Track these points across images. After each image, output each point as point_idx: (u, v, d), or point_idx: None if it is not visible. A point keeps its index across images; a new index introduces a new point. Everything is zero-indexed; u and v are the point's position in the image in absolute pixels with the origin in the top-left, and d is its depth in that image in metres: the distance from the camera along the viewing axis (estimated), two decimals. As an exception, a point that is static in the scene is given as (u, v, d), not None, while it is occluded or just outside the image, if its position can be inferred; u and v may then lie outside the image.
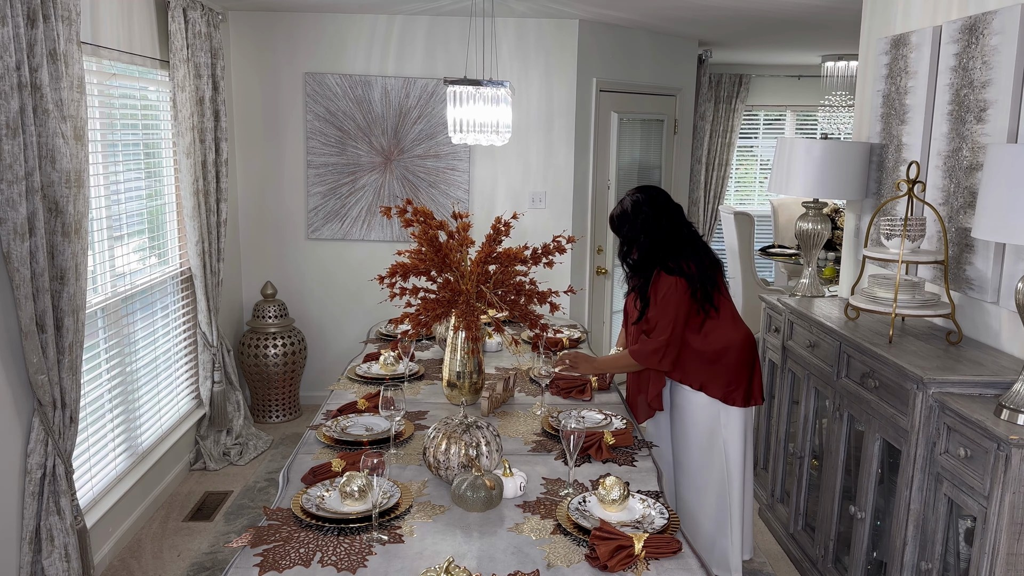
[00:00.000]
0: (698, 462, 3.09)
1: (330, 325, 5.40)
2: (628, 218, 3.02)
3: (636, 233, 3.01)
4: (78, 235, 2.92)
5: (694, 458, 3.10)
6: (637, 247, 3.02)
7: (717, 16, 5.01)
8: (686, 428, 3.11)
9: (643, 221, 2.99)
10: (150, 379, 4.03)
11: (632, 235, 3.02)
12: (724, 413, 3.05)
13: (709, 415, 3.05)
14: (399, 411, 2.38)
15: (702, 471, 3.09)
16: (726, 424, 3.06)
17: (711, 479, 3.09)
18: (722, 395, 3.03)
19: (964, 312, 2.88)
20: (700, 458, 3.09)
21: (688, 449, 3.11)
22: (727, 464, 3.07)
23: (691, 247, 3.01)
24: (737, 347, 3.02)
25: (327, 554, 1.88)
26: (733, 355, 3.02)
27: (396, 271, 2.56)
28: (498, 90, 3.41)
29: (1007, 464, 2.08)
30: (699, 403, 3.04)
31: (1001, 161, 2.12)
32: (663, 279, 2.95)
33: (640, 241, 3.01)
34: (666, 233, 2.99)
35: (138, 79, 3.91)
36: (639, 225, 2.99)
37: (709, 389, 3.02)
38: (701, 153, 8.26)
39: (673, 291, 2.92)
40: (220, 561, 3.50)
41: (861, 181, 3.46)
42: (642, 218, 2.99)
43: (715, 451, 3.06)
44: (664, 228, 2.99)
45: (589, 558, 1.88)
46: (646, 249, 3.00)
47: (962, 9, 2.93)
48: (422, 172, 5.17)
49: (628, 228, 3.03)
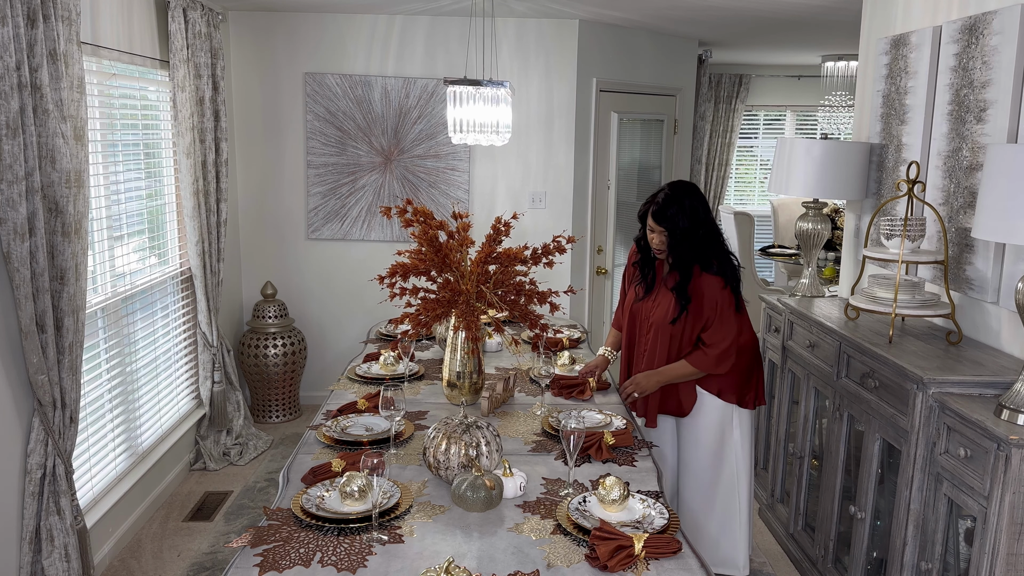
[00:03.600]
0: (706, 464, 3.08)
1: (330, 325, 5.40)
2: (682, 209, 2.87)
3: (688, 224, 2.88)
4: (78, 235, 2.92)
5: (703, 460, 3.08)
6: (687, 240, 2.89)
7: (717, 16, 5.01)
8: (697, 432, 3.07)
9: (693, 213, 2.88)
10: (150, 379, 4.03)
11: (683, 226, 2.87)
12: (736, 415, 3.05)
13: (721, 417, 3.04)
14: (399, 411, 2.38)
15: (710, 472, 3.08)
16: (737, 425, 3.05)
17: (719, 480, 3.08)
18: (737, 398, 3.02)
19: (964, 312, 2.88)
20: (709, 460, 3.07)
21: (697, 452, 3.08)
22: (737, 465, 3.07)
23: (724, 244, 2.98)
24: (751, 348, 3.03)
25: (327, 554, 1.88)
26: (748, 357, 3.02)
27: (396, 271, 2.56)
28: (498, 90, 3.41)
29: (1007, 464, 2.08)
30: (712, 406, 3.03)
31: (1001, 161, 2.12)
32: (709, 278, 2.89)
33: (691, 234, 2.88)
34: (711, 228, 2.93)
35: (138, 79, 3.91)
36: (692, 217, 2.88)
37: (726, 393, 3.02)
38: (701, 153, 8.26)
39: (723, 291, 2.89)
40: (220, 561, 3.50)
41: (861, 181, 3.46)
42: (692, 211, 2.88)
43: (725, 453, 3.06)
44: (710, 223, 2.93)
45: (589, 558, 1.88)
46: (697, 242, 2.89)
47: (962, 9, 2.93)
48: (422, 172, 5.17)
49: (682, 219, 2.87)
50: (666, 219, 2.88)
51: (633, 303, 3.12)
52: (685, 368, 2.96)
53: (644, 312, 3.07)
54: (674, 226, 2.87)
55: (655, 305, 3.02)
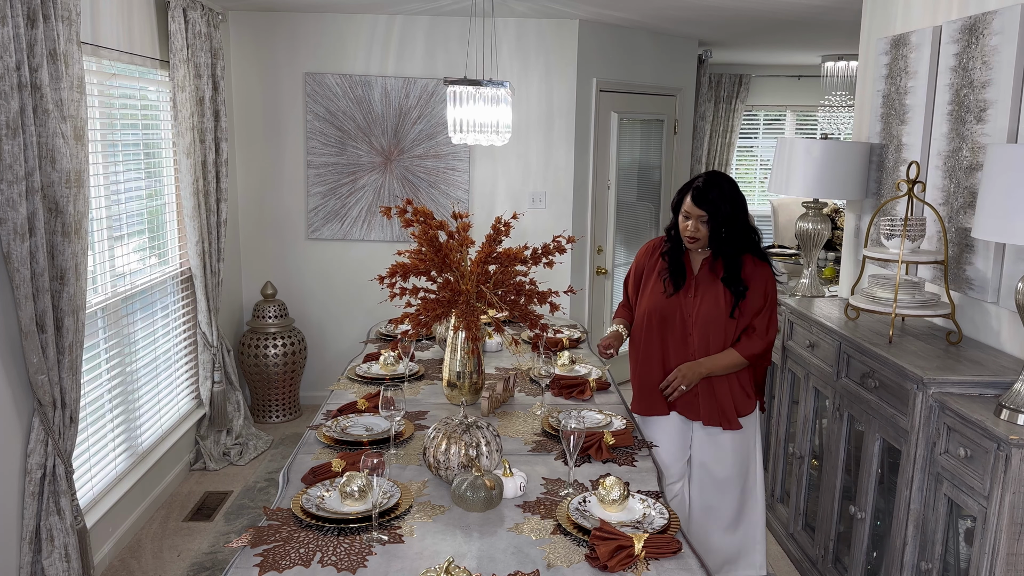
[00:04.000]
0: (734, 472, 3.01)
1: (330, 325, 5.40)
2: (723, 194, 2.76)
3: (731, 209, 2.77)
4: (78, 235, 2.92)
5: (731, 468, 3.00)
6: (730, 226, 2.79)
7: (717, 16, 5.01)
8: (733, 437, 2.97)
9: (735, 200, 2.79)
10: (150, 379, 4.03)
11: (726, 212, 2.76)
12: (756, 417, 3.03)
13: (753, 423, 3.02)
14: (399, 411, 2.38)
15: (737, 480, 3.02)
16: (756, 429, 3.04)
17: (744, 486, 3.04)
18: (761, 401, 3.02)
19: (964, 312, 2.88)
20: (736, 468, 3.01)
21: (727, 459, 2.99)
22: (756, 468, 3.05)
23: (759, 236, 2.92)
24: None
25: (327, 554, 1.88)
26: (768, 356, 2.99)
27: (396, 271, 2.56)
28: (498, 90, 3.41)
29: (1007, 464, 2.08)
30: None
31: (1001, 161, 2.12)
32: (761, 267, 2.84)
33: (735, 220, 2.78)
34: (749, 218, 2.87)
35: (138, 79, 3.91)
36: (734, 202, 2.78)
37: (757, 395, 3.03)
38: (701, 153, 8.26)
39: (772, 281, 2.86)
40: (220, 561, 3.50)
41: (861, 181, 3.46)
42: (733, 196, 2.78)
43: (749, 458, 3.03)
44: (748, 213, 2.85)
45: (589, 558, 1.88)
46: (739, 230, 2.80)
47: (962, 9, 2.93)
48: (422, 172, 5.17)
49: (724, 204, 2.76)
50: (708, 202, 2.75)
51: (663, 298, 2.92)
52: (733, 357, 2.85)
53: (683, 308, 2.90)
54: (716, 210, 2.75)
55: (699, 300, 2.87)
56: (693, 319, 2.88)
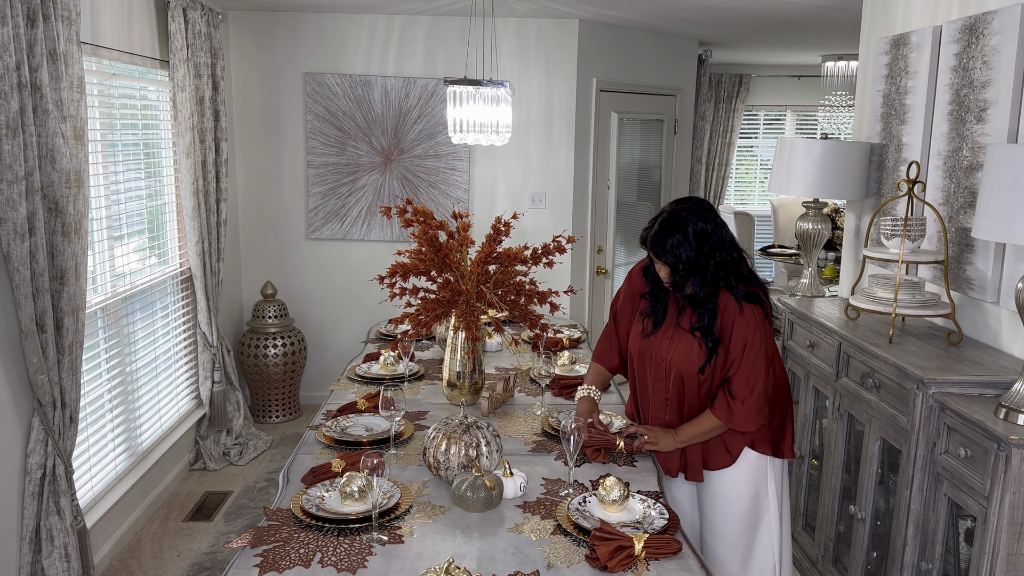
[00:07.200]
0: (738, 530, 2.50)
1: (330, 325, 5.40)
2: (686, 237, 2.28)
3: (694, 254, 2.29)
4: (78, 235, 2.92)
5: (734, 526, 2.49)
6: (695, 274, 2.31)
7: (717, 16, 5.01)
8: (727, 490, 2.48)
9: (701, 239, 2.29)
10: (150, 379, 4.03)
11: (688, 258, 2.29)
12: (770, 467, 2.50)
13: (755, 472, 2.47)
14: (399, 411, 2.38)
15: (743, 539, 2.50)
16: (773, 479, 2.50)
17: (754, 548, 2.52)
18: (772, 448, 2.47)
19: (964, 312, 2.88)
20: (741, 525, 2.49)
21: (727, 516, 2.50)
22: (771, 527, 2.51)
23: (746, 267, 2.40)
24: (784, 386, 2.53)
25: (327, 554, 1.88)
26: (781, 397, 2.51)
27: (396, 271, 2.56)
28: (498, 90, 3.41)
29: (1007, 464, 2.08)
30: (744, 459, 2.46)
31: (1001, 161, 2.12)
32: (741, 313, 2.31)
33: (699, 267, 2.30)
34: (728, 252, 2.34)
35: (138, 79, 3.91)
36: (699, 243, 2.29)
37: (759, 443, 2.45)
38: (701, 153, 8.26)
39: (759, 326, 2.32)
40: (220, 561, 3.50)
41: (861, 181, 3.46)
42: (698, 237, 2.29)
43: (760, 514, 2.51)
44: (726, 245, 2.33)
45: (589, 559, 1.88)
46: (709, 275, 2.31)
47: (962, 9, 2.93)
48: (422, 172, 5.17)
49: (686, 249, 2.28)
50: (666, 251, 2.29)
51: (640, 338, 2.51)
52: (711, 422, 2.39)
53: (658, 351, 2.46)
54: (676, 259, 2.29)
55: (672, 345, 2.42)
56: (665, 367, 2.45)
